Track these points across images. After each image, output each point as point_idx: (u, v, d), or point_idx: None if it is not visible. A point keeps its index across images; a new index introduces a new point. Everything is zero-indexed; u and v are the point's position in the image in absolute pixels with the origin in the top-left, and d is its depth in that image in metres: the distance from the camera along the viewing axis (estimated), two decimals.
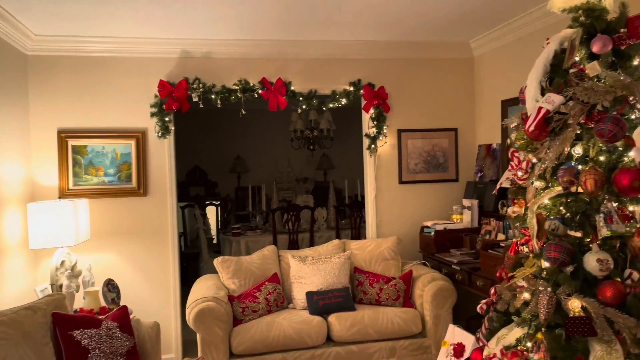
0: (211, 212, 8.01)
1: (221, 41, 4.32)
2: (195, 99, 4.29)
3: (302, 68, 4.56)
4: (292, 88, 4.47)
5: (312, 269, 3.98)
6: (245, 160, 8.59)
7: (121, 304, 3.75)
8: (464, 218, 4.50)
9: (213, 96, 4.34)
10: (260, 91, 4.41)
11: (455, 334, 3.28)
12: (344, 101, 4.61)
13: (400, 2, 3.52)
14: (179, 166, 4.85)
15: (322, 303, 3.79)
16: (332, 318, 3.71)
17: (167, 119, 4.25)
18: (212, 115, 7.74)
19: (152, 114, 4.24)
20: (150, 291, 4.29)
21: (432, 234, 4.41)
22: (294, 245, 5.71)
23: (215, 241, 7.63)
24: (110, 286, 3.88)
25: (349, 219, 6.12)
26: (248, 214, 6.83)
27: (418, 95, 4.80)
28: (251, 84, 4.40)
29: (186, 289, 4.13)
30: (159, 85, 4.21)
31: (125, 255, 4.25)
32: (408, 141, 4.81)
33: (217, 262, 4.03)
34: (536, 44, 2.56)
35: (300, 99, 4.51)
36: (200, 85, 4.28)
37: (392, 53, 4.68)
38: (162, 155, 4.32)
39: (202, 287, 3.84)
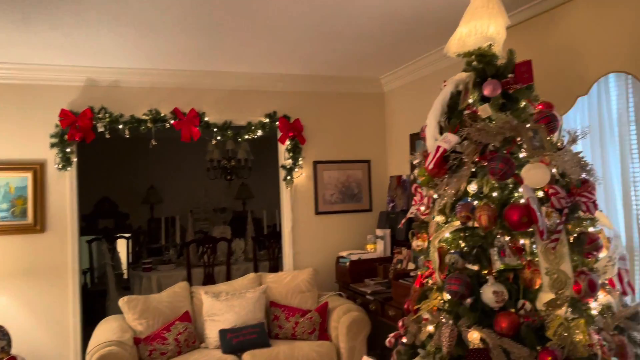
0: (122, 245, 7.58)
1: (130, 70, 4.17)
2: (100, 129, 4.08)
3: (217, 99, 4.50)
4: (206, 119, 4.39)
5: (226, 305, 3.85)
6: (159, 190, 8.25)
7: (12, 352, 3.41)
8: (378, 247, 4.59)
9: (121, 126, 4.15)
10: (172, 122, 4.29)
11: None
12: (259, 133, 4.60)
13: (314, 39, 3.60)
14: (86, 198, 4.57)
15: (235, 341, 3.66)
16: (247, 356, 3.59)
17: (68, 149, 3.99)
18: (124, 143, 7.40)
19: (52, 145, 3.97)
20: (48, 337, 3.93)
21: (348, 264, 4.45)
22: (209, 279, 5.52)
23: (125, 277, 7.20)
24: (0, 333, 3.51)
25: (267, 250, 6.04)
26: (161, 247, 6.54)
27: (333, 127, 4.90)
28: (162, 114, 4.26)
29: (92, 330, 3.82)
30: (61, 115, 3.97)
31: (18, 298, 3.88)
32: (324, 172, 4.87)
33: (122, 302, 3.78)
34: (438, 83, 2.71)
35: (215, 130, 4.44)
36: (107, 114, 4.09)
37: (308, 86, 4.76)
38: (63, 188, 4.04)
39: (105, 330, 3.58)
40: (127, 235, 7.43)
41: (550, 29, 2.89)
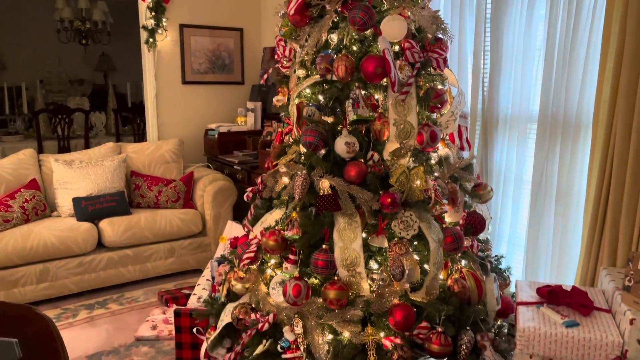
0: None
1: None
2: None
3: None
4: None
5: (80, 174, 3.59)
6: None
7: None
8: (248, 120, 4.52)
9: None
10: None
11: (233, 229, 3.38)
12: None
13: None
14: None
15: (91, 209, 3.48)
16: (104, 223, 3.46)
17: None
18: None
19: None
20: None
21: (216, 136, 4.34)
22: (64, 152, 5.08)
23: None
24: None
25: (132, 125, 5.67)
26: (6, 118, 5.80)
27: None
28: None
29: None
30: None
31: None
32: (191, 38, 4.52)
33: None
34: None
35: None
36: None
37: None
38: None
39: None
40: None
41: None
